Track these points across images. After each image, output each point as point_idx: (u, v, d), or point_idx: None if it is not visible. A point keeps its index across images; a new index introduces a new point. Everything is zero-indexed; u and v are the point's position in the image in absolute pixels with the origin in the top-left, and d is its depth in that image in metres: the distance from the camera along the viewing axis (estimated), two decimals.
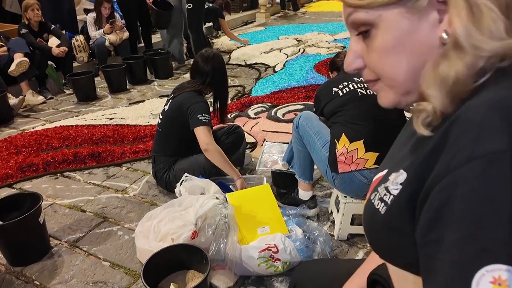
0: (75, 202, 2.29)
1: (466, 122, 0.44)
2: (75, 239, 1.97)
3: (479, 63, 0.47)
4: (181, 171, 2.12)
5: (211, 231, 1.66)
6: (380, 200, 0.55)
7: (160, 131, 2.27)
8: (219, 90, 2.28)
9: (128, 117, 3.52)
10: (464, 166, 0.42)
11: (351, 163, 1.59)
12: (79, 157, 2.75)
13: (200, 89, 2.18)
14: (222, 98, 2.32)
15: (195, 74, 2.24)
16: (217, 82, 2.22)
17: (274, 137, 2.93)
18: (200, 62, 2.18)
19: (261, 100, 3.71)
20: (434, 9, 0.50)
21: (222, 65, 2.24)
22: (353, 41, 0.57)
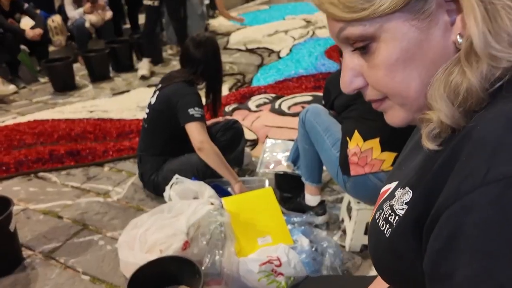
0: (51, 207, 2.30)
1: (479, 141, 0.44)
2: (51, 249, 1.98)
3: (495, 73, 0.47)
4: (171, 173, 2.13)
5: (205, 241, 1.67)
6: (385, 221, 0.55)
7: (146, 127, 2.28)
8: (212, 80, 2.28)
9: (111, 109, 3.53)
10: (476, 191, 0.41)
11: (365, 165, 1.59)
12: (55, 155, 2.76)
13: (192, 79, 2.18)
14: (216, 89, 2.32)
15: (185, 62, 2.23)
16: (211, 71, 2.22)
17: (278, 134, 2.93)
18: (191, 48, 2.18)
19: (263, 90, 3.71)
20: (444, 11, 0.49)
21: (216, 51, 2.24)
22: (348, 57, 0.55)
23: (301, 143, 1.92)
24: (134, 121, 3.24)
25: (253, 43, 5.16)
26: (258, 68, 4.35)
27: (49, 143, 2.98)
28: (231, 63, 4.59)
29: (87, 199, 2.36)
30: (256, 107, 3.42)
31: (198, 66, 2.17)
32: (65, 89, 4.04)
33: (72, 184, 2.51)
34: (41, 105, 3.78)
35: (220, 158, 2.09)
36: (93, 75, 4.26)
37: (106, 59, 4.32)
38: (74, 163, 2.71)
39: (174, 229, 1.68)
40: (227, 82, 4.02)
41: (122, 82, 4.23)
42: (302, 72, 4.01)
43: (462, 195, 0.42)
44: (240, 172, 2.49)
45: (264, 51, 4.88)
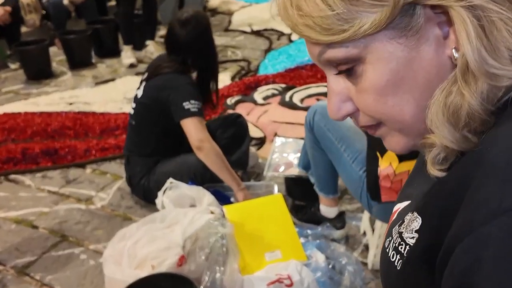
0: (24, 215, 2.33)
1: (489, 167, 0.46)
2: (25, 264, 2.01)
3: (497, 92, 0.48)
4: (165, 176, 2.15)
5: (204, 256, 1.69)
6: (395, 251, 0.56)
7: (133, 124, 2.31)
8: (204, 69, 2.28)
9: (94, 101, 3.56)
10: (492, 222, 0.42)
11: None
12: (29, 155, 2.80)
13: (181, 68, 2.19)
14: (209, 79, 2.31)
15: (170, 47, 2.23)
16: (200, 58, 2.22)
17: (289, 131, 2.95)
18: (176, 29, 2.17)
19: (271, 79, 3.73)
20: (434, 24, 0.50)
21: (206, 31, 2.23)
22: (333, 80, 0.56)
23: (311, 150, 1.90)
24: (120, 115, 3.27)
25: (259, 24, 5.17)
26: (266, 54, 4.36)
27: (21, 140, 3.01)
28: (233, 47, 4.61)
29: (66, 206, 2.39)
30: (263, 99, 3.44)
31: (186, 52, 2.16)
32: (39, 77, 4.08)
33: (49, 189, 2.54)
34: (11, 95, 3.81)
35: (221, 160, 2.12)
36: (73, 61, 4.29)
37: (88, 42, 4.35)
38: (51, 164, 2.74)
39: (168, 241, 1.70)
40: (229, 70, 4.04)
41: (106, 69, 4.26)
42: None
43: (476, 227, 0.43)
44: (244, 176, 2.51)
45: (272, 33, 4.89)
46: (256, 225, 1.89)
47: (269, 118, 3.14)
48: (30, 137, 3.04)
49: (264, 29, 5.03)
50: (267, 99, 3.45)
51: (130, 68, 4.20)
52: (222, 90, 3.57)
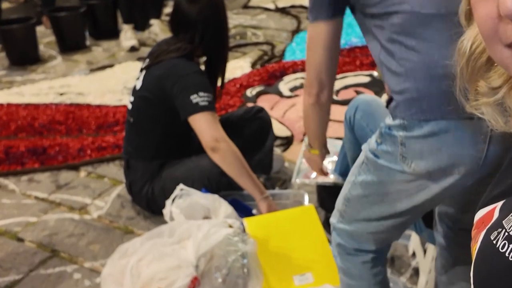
0: (8, 225, 2.38)
1: None
2: (9, 283, 2.05)
3: None
4: (172, 182, 2.17)
5: (221, 278, 1.71)
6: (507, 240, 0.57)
7: (132, 122, 2.33)
8: (214, 52, 2.30)
9: (88, 91, 3.61)
10: None
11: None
12: (13, 154, 2.86)
13: (189, 51, 2.22)
14: (218, 66, 2.34)
15: (177, 25, 2.26)
16: (213, 38, 2.24)
17: None
18: (184, 4, 2.20)
19: (300, 67, 3.74)
20: None
21: (218, 6, 2.26)
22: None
23: (350, 152, 1.91)
24: (120, 108, 3.31)
25: (285, 0, 5.19)
26: (293, 36, 4.37)
27: (4, 136, 3.07)
28: (254, 27, 4.63)
29: (56, 215, 2.42)
30: (290, 90, 3.45)
31: (195, 30, 2.19)
32: (24, 62, 4.15)
33: (37, 195, 2.58)
34: None
35: (240, 162, 2.13)
36: (63, 43, 4.36)
37: (81, 21, 4.40)
38: (38, 165, 2.79)
39: (178, 259, 1.73)
40: (249, 55, 4.06)
41: (103, 54, 4.31)
42: (355, 41, 4.02)
43: None
44: (267, 182, 2.53)
45: (301, 11, 4.90)
46: (283, 242, 1.90)
47: (298, 114, 3.15)
48: (14, 133, 3.10)
49: (291, 5, 5.03)
50: (295, 90, 3.46)
51: (130, 52, 4.25)
52: (241, 79, 3.60)
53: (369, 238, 1.43)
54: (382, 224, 1.40)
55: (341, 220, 1.46)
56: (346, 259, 1.49)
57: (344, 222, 1.45)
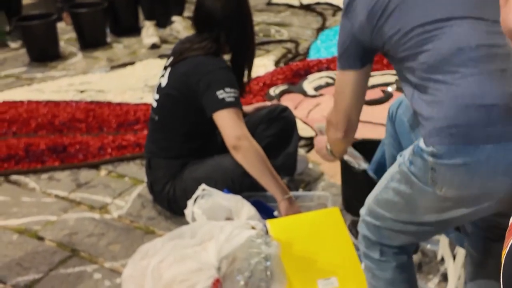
0: (28, 224, 2.40)
1: None
2: (28, 282, 2.06)
3: None
4: (194, 182, 2.17)
5: (243, 280, 1.70)
6: None
7: (156, 120, 2.34)
8: (240, 49, 2.31)
9: (109, 89, 3.63)
10: None
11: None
12: (33, 152, 2.88)
13: (215, 49, 2.22)
14: (244, 63, 2.34)
15: (201, 23, 2.27)
16: (238, 35, 2.25)
17: None
18: (209, 2, 2.20)
19: (325, 65, 3.72)
20: None
21: (243, 3, 2.27)
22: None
23: (390, 149, 1.90)
24: (141, 107, 3.33)
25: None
26: (318, 33, 4.36)
27: (24, 134, 3.10)
28: (278, 25, 4.62)
29: (76, 214, 2.44)
30: (315, 89, 3.44)
31: (221, 28, 2.20)
32: (45, 58, 4.19)
33: (57, 193, 2.60)
34: (12, 80, 3.93)
35: (263, 162, 2.12)
36: (84, 40, 4.40)
37: (102, 18, 4.44)
38: (58, 163, 2.81)
39: (200, 261, 1.72)
40: (273, 53, 4.05)
41: (124, 51, 4.35)
42: None
43: None
44: (290, 184, 2.51)
45: (326, 8, 4.88)
46: (307, 245, 1.89)
47: (322, 113, 3.13)
48: (34, 131, 3.13)
49: (316, 2, 5.02)
50: (320, 89, 3.44)
51: (151, 49, 4.27)
52: (264, 77, 3.60)
53: (393, 236, 1.46)
54: (408, 228, 1.42)
55: (369, 214, 1.50)
56: (371, 251, 1.52)
57: (371, 216, 1.49)
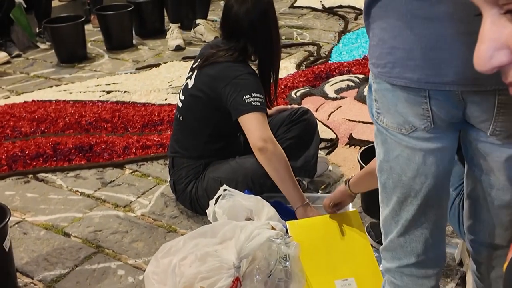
0: (55, 220, 2.46)
1: None
2: (54, 277, 2.12)
3: None
4: (216, 182, 2.22)
5: (262, 279, 1.73)
6: None
7: (181, 120, 2.38)
8: (266, 56, 2.33)
9: (134, 90, 3.70)
10: None
11: None
12: (60, 150, 2.95)
13: (241, 57, 2.25)
14: (270, 67, 2.36)
15: (228, 31, 2.30)
16: (265, 42, 2.28)
17: (367, 132, 2.95)
18: (235, 9, 2.23)
19: (346, 68, 3.73)
20: None
21: (270, 9, 2.29)
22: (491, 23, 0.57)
23: None
24: (165, 107, 3.38)
25: (333, 0, 5.17)
26: (340, 36, 4.36)
27: (52, 133, 3.18)
28: (300, 28, 4.63)
29: (101, 212, 2.50)
30: (336, 92, 3.45)
31: (248, 37, 2.23)
32: (73, 59, 4.28)
33: (83, 191, 2.67)
34: (41, 80, 4.02)
35: (286, 167, 2.15)
36: (110, 42, 4.48)
37: (128, 20, 4.52)
38: (85, 162, 2.88)
39: (221, 260, 1.75)
40: (295, 56, 4.07)
41: (149, 52, 4.41)
42: None
43: None
44: (310, 185, 2.54)
45: (349, 11, 4.88)
46: (326, 246, 1.91)
47: (343, 116, 3.15)
48: (62, 130, 3.20)
49: (339, 5, 5.02)
50: (341, 92, 3.45)
51: (176, 51, 4.32)
52: (286, 80, 3.62)
53: (402, 244, 1.36)
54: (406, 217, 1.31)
55: (383, 239, 1.42)
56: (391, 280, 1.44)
57: (384, 239, 1.41)
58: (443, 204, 1.33)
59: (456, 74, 1.05)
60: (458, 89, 1.08)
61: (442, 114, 1.13)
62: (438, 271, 1.41)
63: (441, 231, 1.39)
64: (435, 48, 1.06)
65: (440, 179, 1.23)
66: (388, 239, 1.39)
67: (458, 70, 1.05)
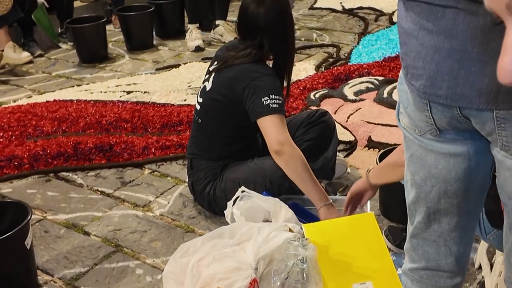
0: (75, 219, 2.50)
1: None
2: (74, 275, 2.16)
3: None
4: (234, 184, 2.23)
5: (279, 281, 1.73)
6: None
7: (199, 122, 2.39)
8: (282, 56, 2.34)
9: (154, 90, 3.73)
10: None
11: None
12: (81, 150, 2.99)
13: (258, 56, 2.26)
14: (284, 68, 2.37)
15: (244, 30, 2.31)
16: (281, 42, 2.28)
17: (386, 134, 2.95)
18: (251, 8, 2.24)
19: (366, 70, 3.72)
20: None
21: (286, 9, 2.31)
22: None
23: None
24: (184, 108, 3.41)
25: (353, 0, 5.17)
26: (360, 38, 4.36)
27: (73, 132, 3.23)
28: (319, 29, 4.63)
29: (121, 211, 2.53)
30: (355, 95, 3.45)
31: (265, 35, 2.23)
32: (94, 59, 4.33)
33: (103, 190, 2.70)
34: (63, 80, 4.07)
35: (305, 168, 2.15)
36: (131, 42, 4.53)
37: (149, 21, 4.55)
38: (105, 162, 2.92)
39: (238, 261, 1.77)
40: (314, 58, 4.07)
41: (169, 53, 4.44)
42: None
43: None
44: (328, 188, 2.54)
45: (369, 13, 4.87)
46: (342, 248, 1.90)
47: (362, 118, 3.15)
48: (82, 130, 3.24)
49: (359, 7, 5.01)
50: (360, 94, 3.45)
51: (195, 51, 4.35)
52: (305, 81, 3.63)
53: (415, 246, 1.37)
54: (418, 219, 1.31)
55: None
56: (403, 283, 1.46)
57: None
58: (462, 214, 1.28)
59: (448, 88, 1.06)
60: (450, 103, 1.08)
61: (444, 123, 1.13)
62: (452, 285, 1.37)
63: (459, 243, 1.34)
64: (432, 60, 1.06)
65: (452, 186, 1.22)
66: (406, 240, 1.40)
67: (449, 84, 1.05)
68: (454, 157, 1.18)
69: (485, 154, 1.17)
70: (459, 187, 1.23)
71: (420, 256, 1.36)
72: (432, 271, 1.36)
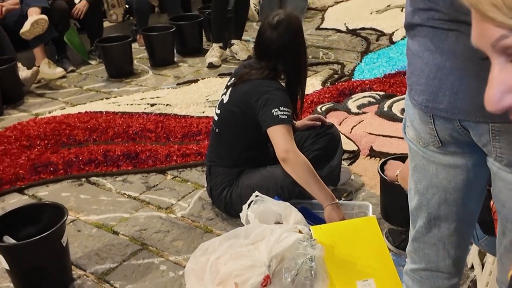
0: (105, 219, 2.56)
1: None
2: (105, 270, 2.21)
3: None
4: (248, 189, 2.27)
5: (290, 278, 1.77)
6: None
7: (217, 132, 2.43)
8: (294, 75, 2.38)
9: (175, 103, 3.79)
10: None
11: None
12: (110, 157, 3.05)
13: (272, 75, 2.31)
14: (298, 85, 2.41)
15: (261, 52, 2.35)
16: (293, 63, 2.34)
17: (386, 145, 2.98)
18: (268, 33, 2.29)
19: (368, 86, 3.76)
20: None
21: (299, 34, 2.34)
22: (499, 69, 0.59)
23: None
24: (202, 119, 3.46)
25: (356, 22, 5.20)
26: (362, 56, 4.39)
27: (103, 141, 3.28)
28: (326, 48, 4.67)
29: (146, 213, 2.58)
30: (358, 108, 3.48)
31: (278, 57, 2.29)
32: (120, 75, 4.40)
33: (129, 193, 2.76)
34: (93, 93, 4.15)
35: (309, 172, 2.18)
36: (154, 59, 4.58)
37: (171, 40, 4.61)
38: (131, 168, 2.97)
39: (253, 259, 1.81)
40: (320, 74, 4.11)
41: (189, 69, 4.50)
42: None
43: None
44: (334, 193, 2.51)
45: (371, 33, 4.90)
46: (347, 249, 1.93)
47: (364, 130, 3.18)
48: (111, 139, 3.30)
49: (362, 27, 5.05)
50: (363, 108, 3.48)
51: (211, 68, 4.40)
52: (312, 96, 3.66)
53: (416, 249, 1.38)
54: (420, 223, 1.33)
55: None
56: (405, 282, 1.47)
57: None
58: (460, 221, 1.29)
59: (449, 103, 1.09)
60: (451, 116, 1.11)
61: (446, 135, 1.16)
62: (449, 285, 1.38)
63: (457, 247, 1.34)
64: (435, 77, 1.10)
65: (452, 194, 1.24)
66: (409, 242, 1.42)
67: (450, 99, 1.09)
68: (454, 169, 1.21)
69: (482, 167, 1.20)
70: (458, 196, 1.25)
71: (421, 258, 1.38)
72: (431, 272, 1.38)
